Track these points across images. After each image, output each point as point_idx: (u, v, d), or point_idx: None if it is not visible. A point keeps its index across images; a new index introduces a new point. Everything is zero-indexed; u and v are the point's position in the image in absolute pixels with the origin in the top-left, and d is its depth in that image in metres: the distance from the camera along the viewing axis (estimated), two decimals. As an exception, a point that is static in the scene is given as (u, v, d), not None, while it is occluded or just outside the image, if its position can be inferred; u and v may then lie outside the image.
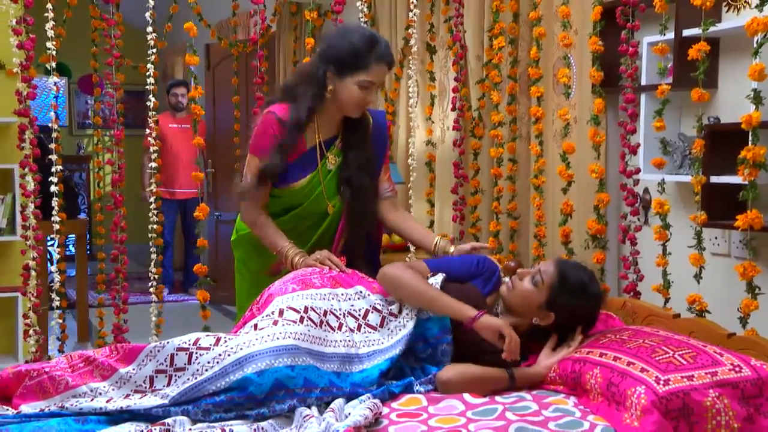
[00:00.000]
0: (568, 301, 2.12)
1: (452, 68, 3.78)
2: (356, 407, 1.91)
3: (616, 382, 1.96)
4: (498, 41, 3.25)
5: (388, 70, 2.34)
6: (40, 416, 1.82)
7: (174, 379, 1.92)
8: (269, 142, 2.33)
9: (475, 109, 3.67)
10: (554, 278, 2.12)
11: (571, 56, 3.02)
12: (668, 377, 1.88)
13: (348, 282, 2.24)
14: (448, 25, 3.85)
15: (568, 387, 2.15)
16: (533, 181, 3.06)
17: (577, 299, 2.13)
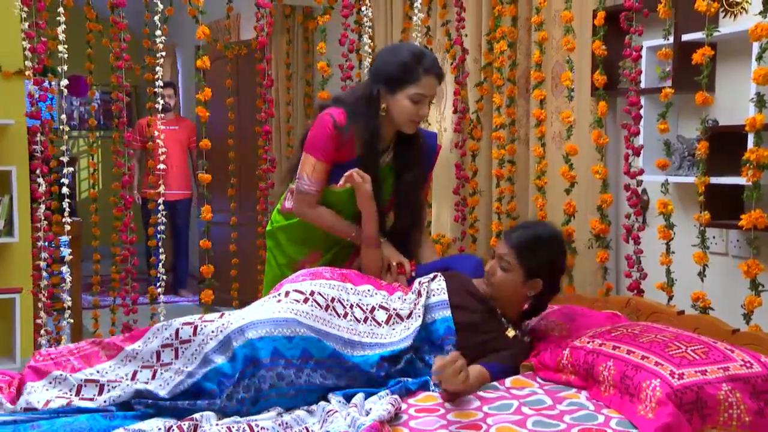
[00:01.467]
0: (540, 259, 2.20)
1: (451, 71, 3.84)
2: (377, 403, 1.96)
3: (631, 374, 2.02)
4: (500, 45, 3.30)
5: (438, 82, 2.39)
6: (68, 412, 1.84)
7: (181, 352, 1.96)
8: (324, 143, 2.40)
9: (473, 112, 3.73)
10: (517, 253, 2.20)
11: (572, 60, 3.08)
12: (682, 371, 1.94)
13: (358, 280, 2.29)
14: (445, 29, 3.91)
15: (579, 377, 2.20)
16: (536, 183, 3.13)
17: (545, 252, 2.21)
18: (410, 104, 2.35)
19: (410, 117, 2.37)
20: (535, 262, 2.19)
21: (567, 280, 3.03)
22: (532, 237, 2.22)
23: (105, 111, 7.07)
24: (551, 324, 2.50)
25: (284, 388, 1.93)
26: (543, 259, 2.20)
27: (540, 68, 3.11)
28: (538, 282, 2.22)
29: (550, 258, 2.22)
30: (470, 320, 2.20)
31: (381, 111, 2.37)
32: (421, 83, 2.34)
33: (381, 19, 4.60)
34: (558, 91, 3.29)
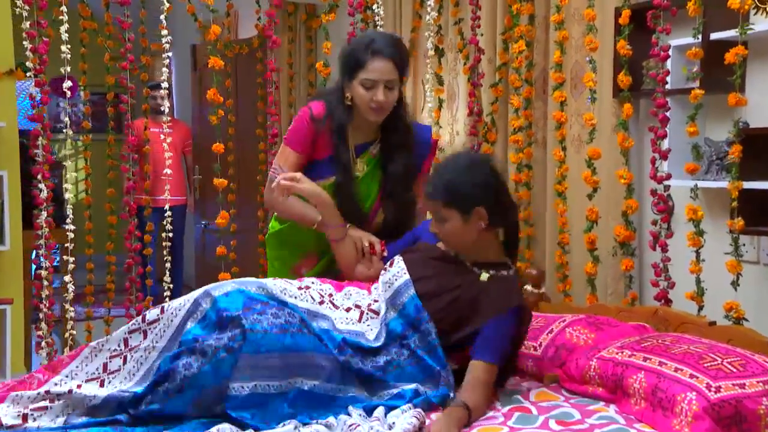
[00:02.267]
0: (463, 191, 2.15)
1: (463, 71, 3.87)
2: (400, 417, 1.99)
3: (664, 387, 2.04)
4: (518, 45, 3.34)
5: (391, 63, 2.41)
6: (88, 425, 1.88)
7: (150, 332, 2.03)
8: (301, 134, 2.49)
9: (487, 114, 3.76)
10: (440, 201, 2.18)
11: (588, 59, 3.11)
12: (719, 384, 1.97)
13: (340, 286, 2.36)
14: (458, 27, 3.94)
15: (607, 390, 2.23)
16: (556, 188, 3.15)
17: (462, 181, 2.16)
18: (363, 91, 2.40)
19: (366, 104, 2.41)
20: (460, 196, 2.15)
21: (589, 289, 3.06)
22: (442, 176, 2.19)
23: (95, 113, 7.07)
24: (575, 333, 2.53)
25: (268, 326, 1.99)
26: (466, 189, 2.15)
27: (560, 69, 3.14)
28: (479, 210, 2.16)
29: (473, 182, 2.16)
30: (433, 286, 2.21)
31: (347, 101, 2.44)
32: (368, 68, 2.39)
33: (389, 18, 4.63)
34: (577, 92, 3.33)
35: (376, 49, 2.39)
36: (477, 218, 2.16)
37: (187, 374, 1.92)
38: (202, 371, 1.92)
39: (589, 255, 3.02)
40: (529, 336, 2.59)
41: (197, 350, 1.94)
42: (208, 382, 1.93)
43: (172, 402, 1.92)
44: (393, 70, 2.41)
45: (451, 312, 2.18)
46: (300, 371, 2.01)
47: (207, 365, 1.92)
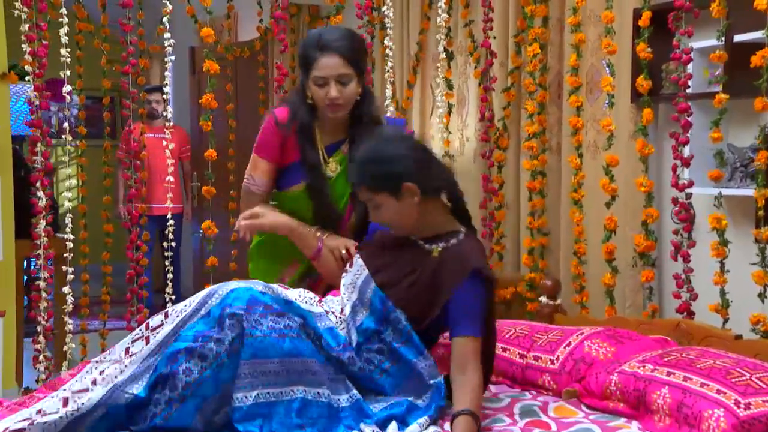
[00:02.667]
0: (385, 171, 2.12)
1: (473, 75, 3.86)
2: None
3: (689, 403, 2.03)
4: (533, 48, 3.33)
5: (341, 58, 2.41)
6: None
7: (152, 338, 2.03)
8: (267, 141, 2.52)
9: (499, 119, 3.75)
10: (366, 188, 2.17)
11: (605, 62, 3.11)
12: (749, 401, 1.95)
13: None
14: (468, 30, 3.94)
15: (629, 405, 2.21)
16: (572, 196, 3.14)
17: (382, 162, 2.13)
18: (317, 88, 2.42)
19: (322, 101, 2.44)
20: (384, 178, 2.13)
21: (607, 301, 3.05)
22: (361, 163, 2.17)
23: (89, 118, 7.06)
24: (594, 346, 2.52)
25: (267, 330, 2.00)
26: (387, 169, 2.13)
27: (576, 72, 3.13)
28: (408, 186, 2.12)
29: (392, 159, 2.13)
30: (390, 274, 2.21)
31: (308, 100, 2.47)
32: (318, 65, 2.40)
33: (397, 20, 4.63)
34: (593, 97, 3.32)
35: (323, 44, 2.41)
36: (409, 194, 2.14)
37: (188, 380, 1.92)
38: (203, 376, 1.92)
39: (606, 265, 3.00)
40: (546, 349, 2.59)
41: (197, 353, 1.94)
42: (209, 392, 1.93)
43: (176, 413, 1.92)
44: (344, 65, 2.41)
45: (414, 296, 2.16)
46: (300, 378, 2.01)
47: (208, 370, 1.93)
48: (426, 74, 4.44)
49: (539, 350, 2.62)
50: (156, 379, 1.94)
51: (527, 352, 2.63)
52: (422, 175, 2.14)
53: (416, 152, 2.18)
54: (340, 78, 2.41)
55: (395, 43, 4.59)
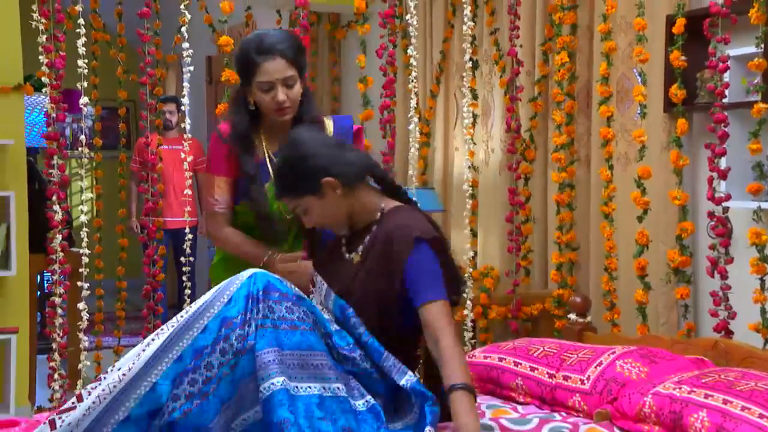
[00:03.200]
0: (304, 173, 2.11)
1: (499, 84, 3.86)
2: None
3: (730, 428, 2.00)
4: (560, 56, 3.33)
5: (284, 60, 2.40)
6: None
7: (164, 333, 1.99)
8: (216, 157, 2.53)
9: (526, 130, 3.74)
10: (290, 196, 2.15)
11: (636, 71, 3.09)
12: (793, 425, 1.93)
13: None
14: (493, 38, 3.94)
15: (665, 428, 2.18)
16: (603, 209, 3.13)
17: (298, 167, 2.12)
18: (263, 94, 2.41)
19: (269, 107, 2.43)
20: (301, 180, 2.12)
21: (639, 319, 3.02)
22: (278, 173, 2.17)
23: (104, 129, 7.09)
24: (627, 366, 2.49)
25: (278, 320, 1.97)
26: (301, 171, 2.12)
27: (606, 81, 3.13)
28: (327, 182, 2.11)
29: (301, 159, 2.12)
30: (339, 281, 2.18)
31: (251, 106, 2.46)
32: (261, 70, 2.39)
33: (420, 28, 4.64)
34: (624, 106, 3.31)
35: (266, 48, 2.39)
36: (330, 189, 2.13)
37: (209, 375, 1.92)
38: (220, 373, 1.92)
39: (639, 282, 2.98)
40: (576, 368, 2.56)
41: (219, 348, 1.93)
42: (227, 393, 1.93)
43: (196, 409, 1.91)
44: (287, 67, 2.40)
45: (367, 294, 2.12)
46: (316, 372, 1.98)
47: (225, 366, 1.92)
48: (450, 84, 4.45)
49: (569, 369, 2.59)
50: (180, 373, 1.92)
51: (556, 372, 2.61)
52: (338, 166, 2.12)
53: (326, 145, 2.17)
54: (286, 81, 2.40)
55: (418, 52, 4.61)
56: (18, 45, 4.10)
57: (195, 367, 1.93)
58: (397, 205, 2.18)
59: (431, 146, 4.57)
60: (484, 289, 3.61)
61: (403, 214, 2.14)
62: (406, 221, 2.09)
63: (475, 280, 3.76)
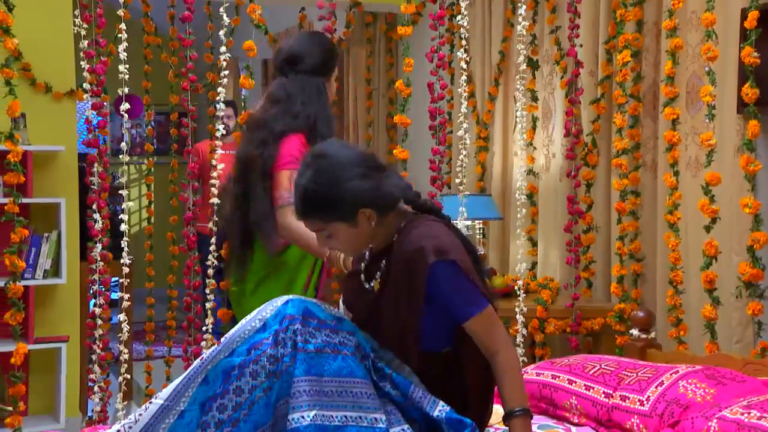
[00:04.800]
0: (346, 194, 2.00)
1: (560, 86, 3.77)
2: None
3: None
4: (622, 55, 3.23)
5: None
6: None
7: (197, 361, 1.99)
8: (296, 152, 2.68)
9: (587, 134, 3.65)
10: (321, 217, 2.03)
11: (707, 70, 2.97)
12: None
13: None
14: (554, 37, 3.86)
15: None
16: (667, 218, 3.01)
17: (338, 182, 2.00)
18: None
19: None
20: (336, 209, 2.01)
21: (708, 337, 2.90)
22: (309, 194, 2.01)
23: (159, 134, 7.19)
24: (691, 387, 2.39)
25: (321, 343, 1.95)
26: (338, 198, 1.99)
27: (672, 82, 3.01)
28: (364, 212, 2.01)
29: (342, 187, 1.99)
30: (360, 313, 2.14)
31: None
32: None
33: (478, 27, 4.59)
34: (695, 108, 3.19)
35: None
36: (364, 219, 2.04)
37: (239, 401, 1.90)
38: (253, 396, 1.91)
39: (707, 296, 2.86)
40: (635, 388, 2.48)
41: (248, 371, 1.92)
42: (261, 418, 1.92)
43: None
44: None
45: (389, 326, 2.07)
46: (355, 400, 1.95)
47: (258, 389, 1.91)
48: (509, 86, 4.37)
49: (627, 389, 2.50)
50: (209, 397, 1.91)
51: (614, 392, 2.52)
52: (377, 196, 2.04)
53: (367, 171, 2.05)
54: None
55: (475, 52, 4.54)
56: (71, 51, 4.19)
57: (223, 392, 1.91)
58: (411, 221, 2.09)
59: (490, 151, 4.50)
60: (540, 301, 3.51)
61: (418, 231, 2.04)
62: (419, 242, 2.00)
63: (532, 292, 3.68)
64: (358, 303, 2.18)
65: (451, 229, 2.11)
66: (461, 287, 2.00)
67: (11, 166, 3.06)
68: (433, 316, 2.03)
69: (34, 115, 4.11)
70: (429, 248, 1.97)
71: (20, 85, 4.23)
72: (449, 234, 2.06)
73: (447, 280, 1.99)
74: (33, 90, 4.22)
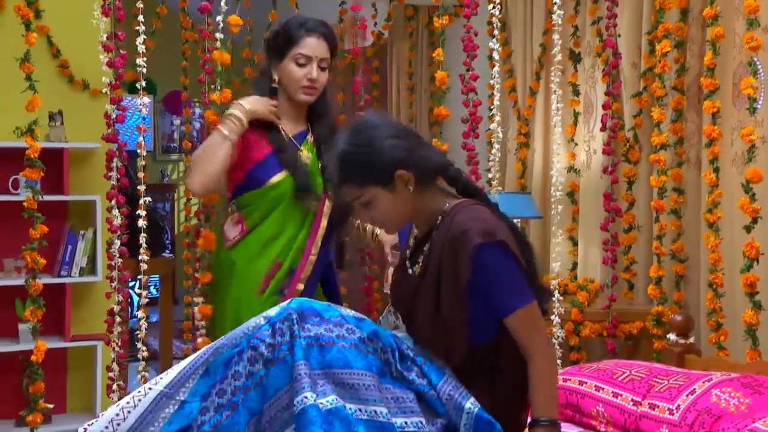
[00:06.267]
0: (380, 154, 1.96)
1: (601, 79, 3.69)
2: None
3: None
4: (662, 45, 3.13)
5: (325, 43, 2.64)
6: None
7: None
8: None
9: (629, 129, 3.55)
10: (353, 184, 2.00)
11: (758, 61, 2.86)
12: None
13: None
14: (596, 28, 3.77)
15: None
16: (707, 217, 2.92)
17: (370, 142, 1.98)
18: (296, 67, 2.61)
19: (298, 81, 2.61)
20: (372, 168, 1.97)
21: (750, 343, 2.79)
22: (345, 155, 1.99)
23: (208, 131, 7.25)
24: (725, 396, 2.31)
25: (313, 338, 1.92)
26: (374, 157, 1.96)
27: (713, 73, 2.91)
28: (401, 174, 1.97)
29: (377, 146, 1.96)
30: (403, 300, 2.09)
31: (274, 83, 2.64)
32: (303, 43, 2.60)
33: (519, 18, 4.52)
34: (741, 101, 3.07)
35: (310, 27, 2.62)
36: (402, 183, 1.99)
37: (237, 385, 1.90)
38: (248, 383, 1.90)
39: (748, 299, 2.76)
40: (665, 396, 2.41)
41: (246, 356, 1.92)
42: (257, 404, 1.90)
43: (226, 422, 1.89)
44: (326, 50, 2.65)
45: (426, 312, 2.01)
46: (352, 394, 1.91)
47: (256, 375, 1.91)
48: (550, 79, 4.28)
49: (656, 397, 2.43)
50: (209, 386, 1.92)
51: (642, 399, 2.46)
52: (414, 159, 1.99)
53: (404, 134, 2.03)
54: (321, 62, 2.63)
55: (517, 44, 4.48)
56: (108, 48, 4.26)
57: (223, 377, 1.92)
58: (457, 203, 2.04)
59: (530, 147, 4.42)
60: (576, 303, 3.43)
61: (463, 215, 1.98)
62: (465, 224, 1.94)
63: (571, 294, 3.60)
64: (400, 290, 2.15)
65: (498, 215, 2.04)
66: (507, 274, 1.93)
67: (30, 162, 3.11)
68: (479, 304, 1.96)
69: (71, 112, 4.20)
70: (475, 230, 1.91)
71: (58, 82, 4.34)
72: (498, 219, 2.00)
73: (493, 264, 1.91)
74: (71, 87, 4.31)
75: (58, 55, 4.28)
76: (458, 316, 1.96)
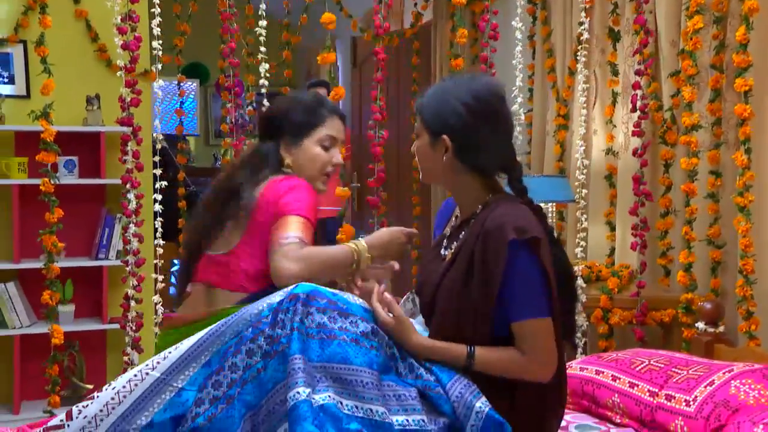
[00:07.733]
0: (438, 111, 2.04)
1: (632, 57, 3.58)
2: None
3: None
4: (693, 21, 3.02)
5: (343, 126, 2.40)
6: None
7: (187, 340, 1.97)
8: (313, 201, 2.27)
9: (667, 109, 3.44)
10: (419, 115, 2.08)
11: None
12: None
13: None
14: (634, 4, 3.65)
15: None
16: (737, 200, 2.81)
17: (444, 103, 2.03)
18: (321, 150, 2.32)
19: (323, 167, 2.33)
20: (432, 117, 2.05)
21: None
22: (433, 92, 2.09)
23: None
24: (744, 388, 2.23)
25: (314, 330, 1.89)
26: (440, 111, 2.04)
27: (745, 49, 2.80)
28: (444, 139, 2.01)
29: (451, 106, 2.01)
30: (429, 283, 2.07)
31: (286, 168, 2.29)
32: (329, 124, 2.33)
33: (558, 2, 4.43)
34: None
35: (332, 107, 2.39)
36: (441, 147, 2.04)
37: (234, 377, 1.89)
38: (245, 376, 1.89)
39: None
40: (683, 387, 2.34)
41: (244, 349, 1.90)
42: (253, 398, 1.89)
43: (221, 414, 1.88)
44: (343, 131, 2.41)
45: (450, 298, 1.98)
46: (350, 390, 1.89)
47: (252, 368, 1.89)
48: (591, 59, 4.18)
49: (674, 388, 2.37)
50: (205, 378, 1.91)
51: (659, 390, 2.39)
52: (466, 142, 2.02)
53: (481, 114, 2.01)
54: (341, 145, 2.41)
55: (557, 23, 4.38)
56: (145, 32, 4.32)
57: (219, 368, 1.92)
58: (500, 197, 2.05)
59: (569, 129, 4.32)
60: (605, 290, 3.35)
61: (503, 209, 1.97)
62: (501, 219, 1.93)
63: (604, 280, 3.52)
64: (427, 274, 2.13)
65: (541, 221, 2.01)
66: (531, 278, 1.91)
67: (45, 146, 3.16)
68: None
69: (108, 96, 4.26)
70: (510, 226, 1.90)
71: (95, 66, 4.42)
72: (538, 223, 1.97)
73: (521, 261, 1.89)
74: (108, 71, 4.39)
75: (96, 39, 4.36)
76: (484, 308, 1.93)
